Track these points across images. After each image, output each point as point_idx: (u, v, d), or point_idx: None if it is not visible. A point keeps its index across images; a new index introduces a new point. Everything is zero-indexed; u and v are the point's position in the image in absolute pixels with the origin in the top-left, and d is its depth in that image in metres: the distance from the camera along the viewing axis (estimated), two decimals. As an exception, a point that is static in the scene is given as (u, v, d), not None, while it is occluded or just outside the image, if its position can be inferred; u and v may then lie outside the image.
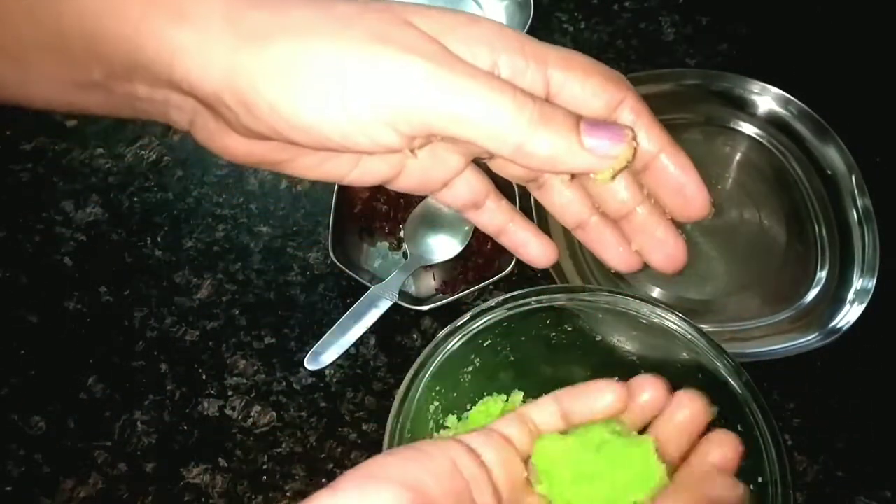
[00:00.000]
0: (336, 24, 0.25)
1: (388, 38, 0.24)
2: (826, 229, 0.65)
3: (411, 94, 0.24)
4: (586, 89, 0.27)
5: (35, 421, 0.55)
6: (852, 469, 0.55)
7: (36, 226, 0.64)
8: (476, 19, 0.27)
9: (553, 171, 0.28)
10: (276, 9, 0.25)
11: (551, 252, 0.32)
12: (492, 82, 0.25)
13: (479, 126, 0.25)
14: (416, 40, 0.25)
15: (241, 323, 0.59)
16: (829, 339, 0.57)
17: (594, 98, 0.28)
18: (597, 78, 0.28)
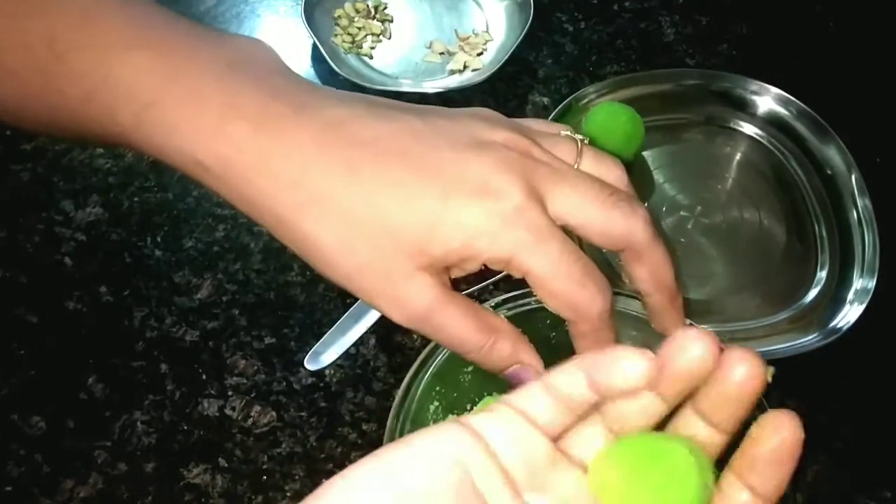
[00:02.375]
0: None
1: (390, 292, 0.31)
2: (826, 229, 0.65)
3: (402, 323, 0.34)
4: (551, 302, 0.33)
5: (35, 421, 0.55)
6: (852, 469, 0.55)
7: (36, 226, 0.64)
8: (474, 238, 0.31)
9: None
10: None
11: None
12: (461, 329, 0.33)
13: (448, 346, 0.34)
14: (416, 295, 0.31)
15: (242, 323, 0.59)
16: (828, 340, 0.57)
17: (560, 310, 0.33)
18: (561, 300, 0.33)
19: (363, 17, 0.77)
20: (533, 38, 0.75)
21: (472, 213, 0.30)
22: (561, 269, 0.30)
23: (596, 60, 0.76)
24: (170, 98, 0.30)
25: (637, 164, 0.68)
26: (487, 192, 0.30)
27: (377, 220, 0.30)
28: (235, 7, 0.79)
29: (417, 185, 0.30)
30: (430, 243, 0.30)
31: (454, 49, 0.75)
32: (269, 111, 0.30)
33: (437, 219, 0.29)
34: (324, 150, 0.30)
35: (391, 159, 0.30)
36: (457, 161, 0.30)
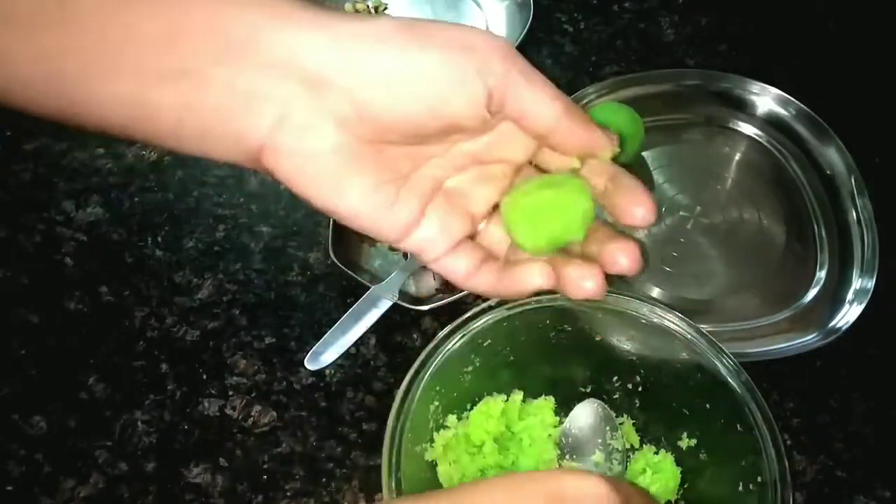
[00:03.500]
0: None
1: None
2: (825, 229, 0.65)
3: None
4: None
5: (36, 420, 0.55)
6: (851, 469, 0.55)
7: (37, 226, 0.64)
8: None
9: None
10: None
11: (544, 278, 0.33)
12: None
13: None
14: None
15: (242, 323, 0.59)
16: (828, 339, 0.57)
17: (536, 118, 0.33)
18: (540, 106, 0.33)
19: (363, 17, 0.77)
20: (533, 39, 0.75)
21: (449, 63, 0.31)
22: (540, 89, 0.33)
23: (596, 61, 0.76)
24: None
25: (637, 165, 0.68)
26: (468, 47, 0.31)
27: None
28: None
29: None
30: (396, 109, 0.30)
31: (454, 49, 0.75)
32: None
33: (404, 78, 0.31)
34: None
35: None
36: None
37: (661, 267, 0.63)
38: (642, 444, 0.51)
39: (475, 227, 0.35)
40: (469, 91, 0.30)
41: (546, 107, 0.32)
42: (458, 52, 0.30)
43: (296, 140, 0.30)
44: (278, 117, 0.29)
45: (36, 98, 0.30)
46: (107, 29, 0.28)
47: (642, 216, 0.31)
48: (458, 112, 0.30)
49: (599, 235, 0.32)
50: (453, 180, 0.34)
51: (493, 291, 0.34)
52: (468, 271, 0.33)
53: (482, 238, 0.35)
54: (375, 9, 0.77)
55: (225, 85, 0.29)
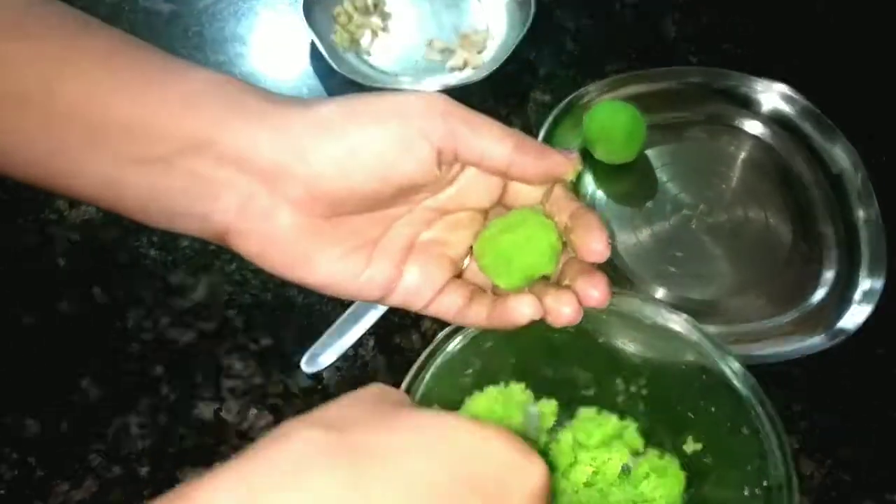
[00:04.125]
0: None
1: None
2: (832, 229, 0.64)
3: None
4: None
5: (29, 423, 0.54)
6: (859, 473, 0.54)
7: (30, 226, 0.63)
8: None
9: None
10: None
11: (532, 307, 0.35)
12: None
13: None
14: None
15: (238, 324, 0.59)
16: (835, 341, 0.56)
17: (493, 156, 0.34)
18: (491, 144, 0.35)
19: (362, 14, 0.76)
20: (534, 36, 0.74)
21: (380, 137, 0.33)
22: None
23: (597, 59, 0.75)
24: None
25: (639, 163, 0.67)
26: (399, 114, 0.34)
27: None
28: (234, 4, 0.78)
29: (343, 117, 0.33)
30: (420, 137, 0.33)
31: (454, 47, 0.74)
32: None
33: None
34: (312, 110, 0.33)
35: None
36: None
37: (664, 267, 0.62)
38: (647, 448, 0.51)
39: (458, 268, 0.37)
40: (416, 155, 0.32)
41: (497, 147, 0.33)
42: (396, 121, 0.32)
43: (257, 224, 0.33)
44: (239, 204, 0.32)
45: (17, 169, 0.33)
46: (88, 118, 0.31)
47: (598, 252, 0.34)
48: (410, 175, 0.33)
49: (571, 269, 0.35)
50: (426, 234, 0.36)
51: (485, 325, 0.36)
52: (458, 309, 0.36)
53: (469, 274, 0.37)
54: (375, 5, 0.77)
55: (189, 173, 0.32)
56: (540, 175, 0.34)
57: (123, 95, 0.31)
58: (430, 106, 0.33)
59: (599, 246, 0.34)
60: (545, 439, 0.50)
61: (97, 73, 0.31)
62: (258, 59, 0.74)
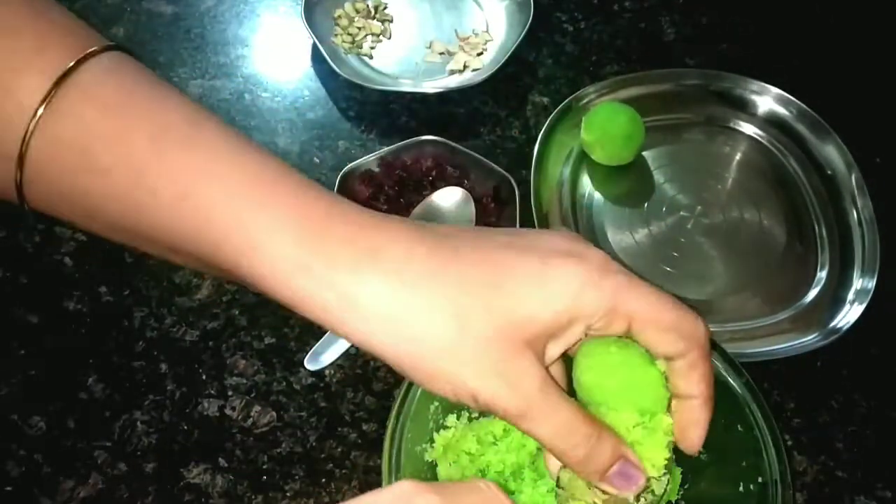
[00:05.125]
0: (471, 346, 0.30)
1: (504, 374, 0.30)
2: (826, 229, 0.65)
3: (509, 418, 0.30)
4: (658, 339, 0.32)
5: (35, 421, 0.55)
6: (852, 469, 0.55)
7: (36, 226, 0.64)
8: (579, 296, 0.30)
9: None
10: (425, 307, 0.30)
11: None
12: (567, 426, 0.31)
13: (543, 443, 0.31)
14: (522, 375, 0.30)
15: (242, 323, 0.59)
16: (829, 340, 0.57)
17: (662, 345, 0.32)
18: (670, 335, 0.32)
19: (363, 17, 0.77)
20: (533, 38, 0.75)
21: (572, 267, 0.30)
22: (664, 298, 0.32)
23: (596, 60, 0.76)
24: (272, 204, 0.30)
25: (637, 164, 0.68)
26: (578, 254, 0.31)
27: (485, 290, 0.30)
28: (235, 7, 0.79)
29: (515, 256, 0.31)
30: (538, 310, 0.30)
31: (454, 49, 0.75)
32: (368, 219, 0.31)
33: (540, 281, 0.30)
34: (428, 244, 0.30)
35: (488, 244, 0.31)
36: (547, 245, 0.32)
37: (661, 267, 0.63)
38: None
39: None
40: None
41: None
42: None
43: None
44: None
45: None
46: (183, 255, 0.31)
47: (692, 449, 0.34)
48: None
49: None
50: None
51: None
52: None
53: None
54: (375, 8, 0.77)
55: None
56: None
57: (199, 241, 0.30)
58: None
59: (695, 447, 0.34)
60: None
61: (175, 217, 0.30)
62: (259, 61, 0.75)
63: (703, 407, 0.33)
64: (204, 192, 0.30)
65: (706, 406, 0.33)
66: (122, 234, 0.32)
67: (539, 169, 0.65)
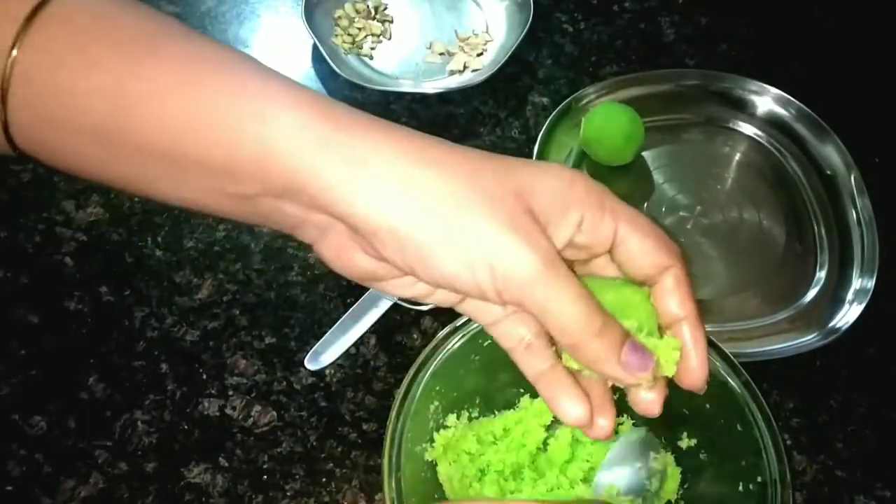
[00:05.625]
0: (483, 200, 0.30)
1: (519, 228, 0.30)
2: (825, 229, 0.65)
3: (526, 282, 0.29)
4: (641, 247, 0.32)
5: (36, 420, 0.55)
6: (851, 469, 0.55)
7: (37, 226, 0.64)
8: (572, 184, 0.32)
9: (591, 370, 0.32)
10: (438, 174, 0.30)
11: (580, 411, 0.33)
12: (581, 297, 0.30)
13: (557, 321, 0.30)
14: (536, 235, 0.30)
15: (242, 323, 0.60)
16: (828, 339, 0.57)
17: (645, 256, 0.32)
18: (652, 241, 0.32)
19: (363, 17, 0.77)
20: (533, 39, 0.75)
21: (566, 168, 0.32)
22: (643, 216, 0.33)
23: (596, 61, 0.76)
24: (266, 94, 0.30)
25: (637, 165, 0.68)
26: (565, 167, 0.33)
27: (491, 161, 0.31)
28: (236, 7, 0.79)
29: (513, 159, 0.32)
30: (539, 187, 0.31)
31: (454, 49, 0.75)
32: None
33: (542, 168, 0.31)
34: (440, 147, 0.31)
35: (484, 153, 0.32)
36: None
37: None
38: (642, 444, 0.51)
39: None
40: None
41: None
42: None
43: (339, 251, 0.32)
44: (318, 237, 0.32)
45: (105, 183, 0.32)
46: (165, 153, 0.30)
47: (697, 386, 0.34)
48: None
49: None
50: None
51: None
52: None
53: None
54: (375, 9, 0.77)
55: (276, 209, 0.31)
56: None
57: (198, 136, 0.29)
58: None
59: (699, 382, 0.33)
60: (543, 435, 0.51)
61: (170, 108, 0.29)
62: (260, 61, 0.75)
63: (696, 328, 0.33)
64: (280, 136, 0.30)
65: (698, 327, 0.33)
66: (109, 147, 0.30)
67: (539, 169, 0.65)
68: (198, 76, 0.30)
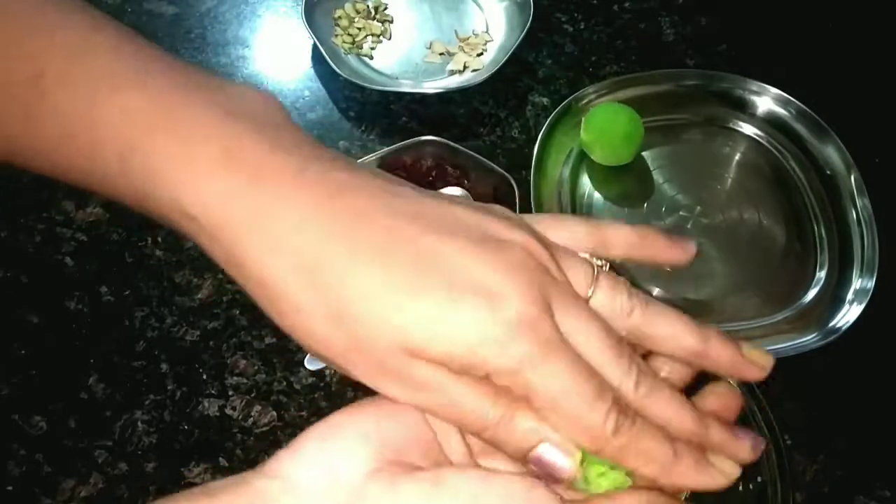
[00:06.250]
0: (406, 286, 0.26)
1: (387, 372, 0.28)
2: (825, 229, 0.65)
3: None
4: (562, 424, 0.27)
5: (36, 420, 0.55)
6: (851, 469, 0.55)
7: (37, 226, 0.64)
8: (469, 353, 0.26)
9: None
10: (352, 216, 0.27)
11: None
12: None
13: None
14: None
15: (242, 322, 0.60)
16: (828, 339, 0.57)
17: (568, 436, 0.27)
18: (572, 426, 0.27)
19: (363, 17, 0.77)
20: (533, 39, 0.75)
21: (479, 317, 0.26)
22: (572, 387, 0.26)
23: (595, 61, 0.76)
24: (158, 142, 0.28)
25: (636, 165, 0.68)
26: (498, 296, 0.26)
27: (375, 303, 0.26)
28: (236, 7, 0.79)
29: (422, 273, 0.26)
30: (431, 342, 0.26)
31: (454, 49, 0.75)
32: (267, 164, 0.27)
33: (440, 317, 0.26)
34: (324, 216, 0.27)
35: (397, 238, 0.27)
36: (469, 255, 0.27)
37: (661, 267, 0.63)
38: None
39: None
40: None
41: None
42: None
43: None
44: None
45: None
46: (74, 133, 0.29)
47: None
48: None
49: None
50: None
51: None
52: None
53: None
54: (375, 9, 0.77)
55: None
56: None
57: (114, 130, 0.28)
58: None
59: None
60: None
61: (97, 86, 0.29)
62: (260, 61, 0.75)
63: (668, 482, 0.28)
64: (91, 130, 0.29)
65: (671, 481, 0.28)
66: (33, 167, 0.31)
67: (539, 169, 0.65)
68: (133, 63, 0.29)
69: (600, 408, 0.26)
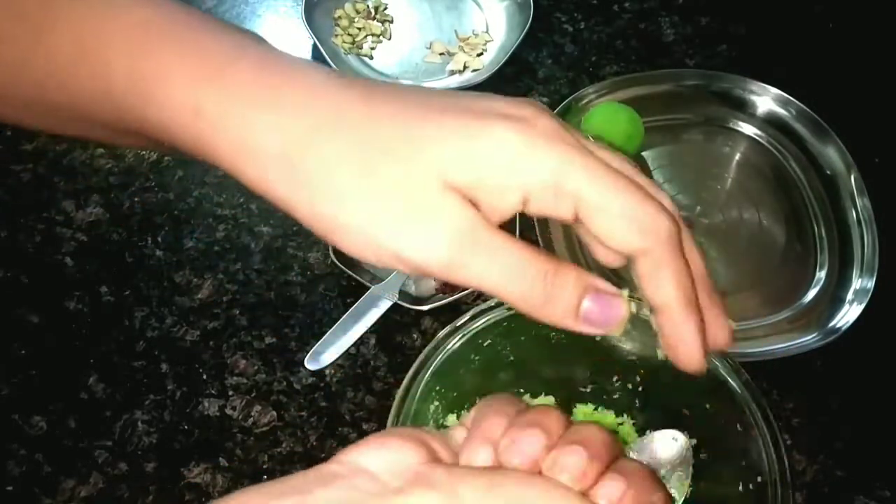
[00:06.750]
0: (387, 184, 0.26)
1: (425, 212, 0.26)
2: (825, 229, 0.65)
3: (443, 269, 0.26)
4: (609, 228, 0.27)
5: (36, 420, 0.55)
6: (851, 469, 0.55)
7: (37, 226, 0.64)
8: (517, 157, 0.26)
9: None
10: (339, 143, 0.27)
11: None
12: (513, 268, 0.26)
13: (497, 295, 0.26)
14: (448, 213, 0.26)
15: (242, 323, 0.60)
16: (828, 339, 0.57)
17: (612, 238, 0.27)
18: (624, 224, 0.27)
19: (363, 17, 0.77)
20: (533, 39, 0.75)
21: (511, 128, 0.26)
22: (622, 182, 0.26)
23: (596, 61, 0.76)
24: (167, 49, 0.28)
25: (636, 165, 0.68)
26: (523, 118, 0.26)
27: (400, 133, 0.26)
28: (236, 7, 0.79)
29: (450, 110, 0.26)
30: (464, 161, 0.25)
31: (454, 49, 0.75)
32: (274, 60, 0.28)
33: (471, 133, 0.26)
34: (335, 85, 0.27)
35: (420, 97, 0.27)
36: (486, 97, 0.28)
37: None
38: (642, 444, 0.51)
39: None
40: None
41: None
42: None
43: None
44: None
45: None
46: (78, 65, 0.30)
47: (687, 367, 0.29)
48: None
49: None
50: None
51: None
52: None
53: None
54: (375, 9, 0.77)
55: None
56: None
57: (105, 104, 0.29)
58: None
59: (690, 366, 0.28)
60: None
61: (75, 80, 0.29)
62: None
63: (684, 317, 0.27)
64: (101, 46, 0.29)
65: (688, 316, 0.27)
66: (33, 106, 0.31)
67: (539, 169, 0.65)
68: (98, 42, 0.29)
69: (652, 202, 0.26)
